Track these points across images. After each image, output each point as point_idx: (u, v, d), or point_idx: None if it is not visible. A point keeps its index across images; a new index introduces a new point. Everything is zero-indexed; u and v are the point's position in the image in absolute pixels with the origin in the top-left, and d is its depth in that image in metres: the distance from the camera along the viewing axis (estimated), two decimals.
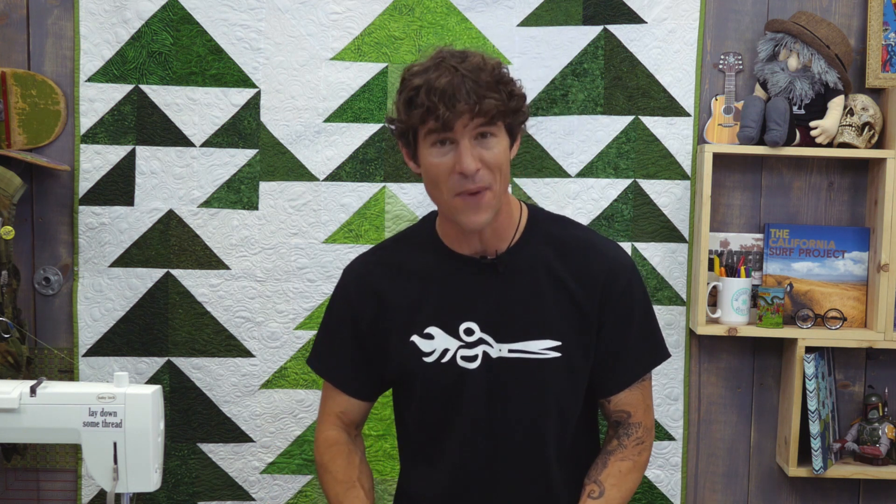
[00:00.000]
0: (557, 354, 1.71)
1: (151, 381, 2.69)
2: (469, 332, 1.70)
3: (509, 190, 1.80)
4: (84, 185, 2.68)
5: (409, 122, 1.63)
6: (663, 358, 1.83)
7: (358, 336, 1.79)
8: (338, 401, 1.83)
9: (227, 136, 2.69)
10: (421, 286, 1.74)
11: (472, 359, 1.70)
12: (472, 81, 1.58)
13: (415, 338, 1.72)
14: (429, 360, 1.72)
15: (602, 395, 1.81)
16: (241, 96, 2.69)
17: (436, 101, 1.57)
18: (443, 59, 1.62)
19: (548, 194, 2.66)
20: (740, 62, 2.69)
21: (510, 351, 1.69)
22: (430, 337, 1.72)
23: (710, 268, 2.68)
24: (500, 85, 1.62)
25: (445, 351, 1.71)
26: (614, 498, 1.72)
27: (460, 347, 1.71)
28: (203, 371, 2.70)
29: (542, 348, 1.69)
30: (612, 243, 1.83)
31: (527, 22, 2.68)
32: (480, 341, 1.70)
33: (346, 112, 2.70)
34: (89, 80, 2.67)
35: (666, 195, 2.70)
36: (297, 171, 2.70)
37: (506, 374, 1.70)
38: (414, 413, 1.80)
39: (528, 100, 2.47)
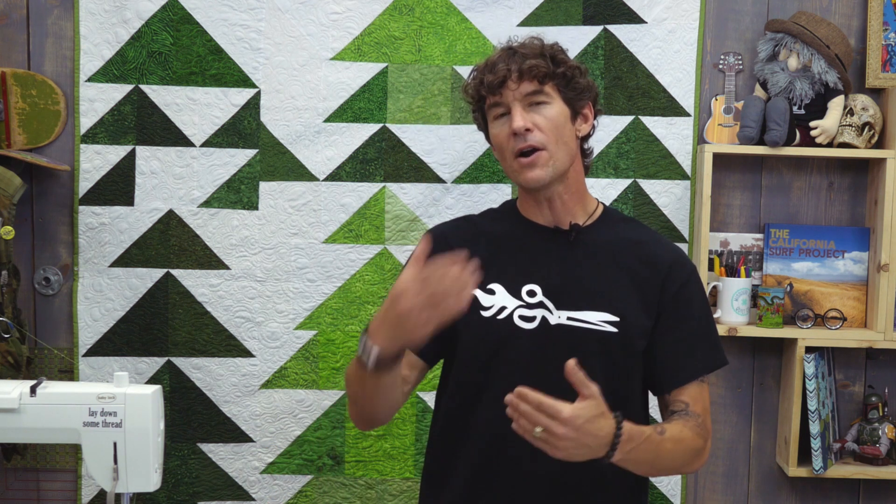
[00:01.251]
0: (614, 329, 1.72)
1: (151, 381, 2.69)
2: (531, 293, 1.74)
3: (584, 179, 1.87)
4: (84, 185, 2.68)
5: (469, 98, 1.80)
6: (722, 363, 1.83)
7: None
8: None
9: (227, 136, 2.69)
10: (492, 248, 1.80)
11: (530, 319, 1.73)
12: (519, 53, 1.73)
13: (477, 291, 1.74)
14: (486, 314, 1.75)
15: (662, 390, 1.80)
16: (241, 96, 2.69)
17: (485, 72, 1.74)
18: (505, 45, 1.79)
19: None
20: (740, 62, 2.69)
21: (569, 318, 1.72)
22: (491, 293, 1.75)
23: (710, 268, 2.68)
24: (545, 54, 1.74)
25: (503, 308, 1.75)
26: (674, 434, 1.67)
27: (519, 307, 1.74)
28: (203, 371, 2.70)
29: (600, 320, 1.71)
30: (678, 246, 1.91)
31: (527, 22, 2.68)
32: (541, 304, 1.73)
33: (346, 112, 2.70)
34: (89, 80, 2.67)
35: (666, 195, 2.70)
36: (297, 171, 2.70)
37: (560, 340, 1.72)
38: (459, 374, 1.78)
39: None
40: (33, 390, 1.87)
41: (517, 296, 1.75)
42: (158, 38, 2.67)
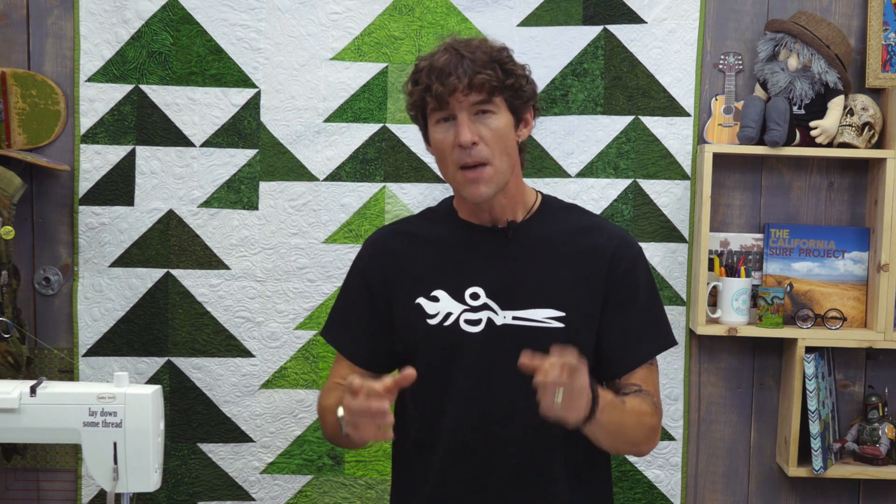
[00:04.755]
0: (560, 325, 1.72)
1: (151, 381, 2.69)
2: (475, 296, 1.73)
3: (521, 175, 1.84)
4: (84, 185, 2.68)
5: (412, 101, 1.75)
6: (670, 344, 1.83)
7: (370, 301, 1.80)
8: (345, 373, 1.82)
9: (227, 136, 2.69)
10: (432, 252, 1.79)
11: (476, 323, 1.73)
12: (468, 60, 1.67)
13: (421, 300, 1.75)
14: (432, 322, 1.75)
15: (611, 376, 1.80)
16: (241, 96, 2.69)
17: (433, 79, 1.68)
18: (448, 43, 1.72)
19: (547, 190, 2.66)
20: (740, 62, 2.69)
21: (514, 318, 1.71)
22: (435, 300, 1.75)
23: (710, 268, 2.68)
24: (495, 63, 1.69)
25: (449, 314, 1.74)
26: (634, 406, 1.69)
27: (464, 311, 1.73)
28: (203, 371, 2.70)
29: (545, 317, 1.71)
30: (622, 229, 1.89)
31: (527, 22, 2.68)
32: (485, 307, 1.72)
33: (346, 112, 2.70)
34: (89, 80, 2.67)
35: (666, 195, 2.70)
36: (297, 171, 2.70)
37: (508, 340, 1.71)
38: (416, 384, 1.76)
39: None
40: (33, 390, 1.87)
41: (461, 300, 1.74)
42: (158, 38, 2.67)
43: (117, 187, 2.69)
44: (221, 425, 2.71)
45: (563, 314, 1.73)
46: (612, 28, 2.68)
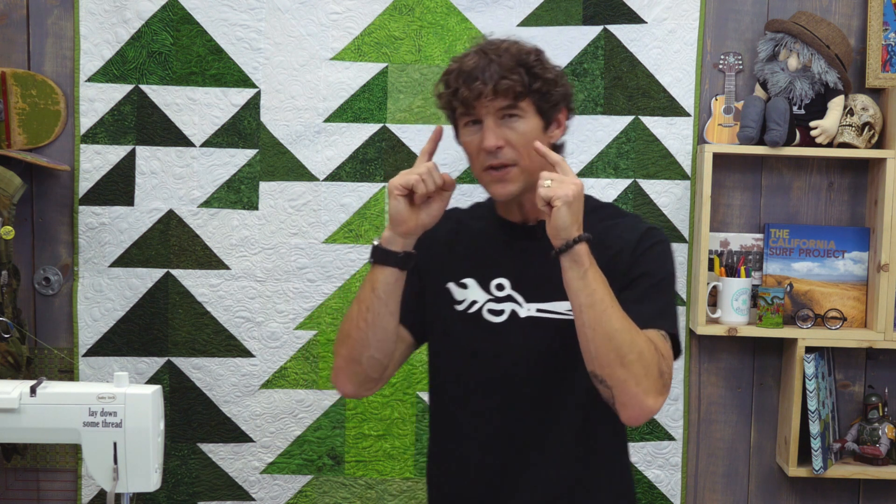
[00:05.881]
0: None
1: (151, 381, 2.69)
2: (500, 287, 1.77)
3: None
4: (84, 185, 2.68)
5: (441, 105, 1.78)
6: (668, 327, 1.73)
7: (419, 271, 1.83)
8: None
9: (227, 136, 2.69)
10: (469, 242, 1.84)
11: (499, 313, 1.76)
12: (495, 64, 1.68)
13: (450, 284, 1.81)
14: (459, 307, 1.80)
15: None
16: (241, 96, 2.69)
17: (460, 83, 1.70)
18: (480, 45, 1.74)
19: None
20: (740, 62, 2.69)
21: (538, 310, 1.74)
22: (464, 287, 1.80)
23: (710, 268, 2.68)
24: (521, 66, 1.70)
25: (474, 302, 1.79)
26: (626, 320, 1.63)
27: (489, 301, 1.77)
28: (203, 371, 2.70)
29: (567, 309, 1.71)
30: (645, 223, 1.83)
31: (527, 22, 2.68)
32: (509, 298, 1.76)
33: (346, 112, 2.70)
34: (89, 80, 2.67)
35: (666, 195, 2.70)
36: (297, 171, 2.70)
37: (532, 332, 1.74)
38: (439, 368, 1.85)
39: None
40: (33, 390, 1.87)
41: (487, 290, 1.78)
42: (158, 38, 2.67)
43: (117, 187, 2.69)
44: (221, 425, 2.71)
45: None
46: (612, 28, 2.68)
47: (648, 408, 1.63)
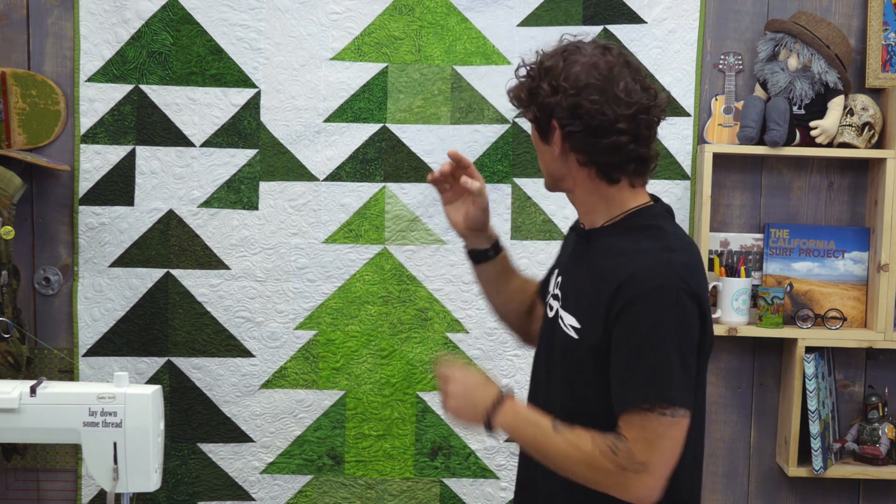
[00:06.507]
0: (575, 336, 1.75)
1: (151, 381, 2.69)
2: (557, 284, 1.86)
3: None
4: (84, 185, 2.68)
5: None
6: (659, 402, 1.61)
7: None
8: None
9: (227, 136, 2.69)
10: (566, 239, 1.97)
11: (551, 308, 1.85)
12: (512, 81, 1.83)
13: (554, 273, 1.91)
14: (548, 295, 1.91)
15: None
16: (241, 96, 2.69)
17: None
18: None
19: (548, 194, 2.66)
20: (740, 62, 2.69)
21: (559, 316, 1.81)
22: (553, 274, 1.91)
23: (710, 268, 2.68)
24: (523, 90, 1.79)
25: (548, 293, 1.89)
26: (570, 438, 1.66)
27: (551, 296, 1.87)
28: (203, 371, 2.70)
29: (569, 323, 1.76)
30: (663, 261, 1.68)
31: (527, 22, 2.68)
32: (556, 296, 1.84)
33: (346, 112, 2.70)
34: (89, 80, 2.67)
35: (666, 195, 2.70)
36: (297, 171, 2.70)
37: (552, 334, 1.82)
38: None
39: None
40: (33, 390, 1.87)
41: (555, 283, 1.88)
42: (158, 38, 2.67)
43: (117, 187, 2.69)
44: (221, 425, 2.71)
45: (579, 326, 1.74)
46: (613, 28, 2.68)
47: (636, 498, 1.64)
